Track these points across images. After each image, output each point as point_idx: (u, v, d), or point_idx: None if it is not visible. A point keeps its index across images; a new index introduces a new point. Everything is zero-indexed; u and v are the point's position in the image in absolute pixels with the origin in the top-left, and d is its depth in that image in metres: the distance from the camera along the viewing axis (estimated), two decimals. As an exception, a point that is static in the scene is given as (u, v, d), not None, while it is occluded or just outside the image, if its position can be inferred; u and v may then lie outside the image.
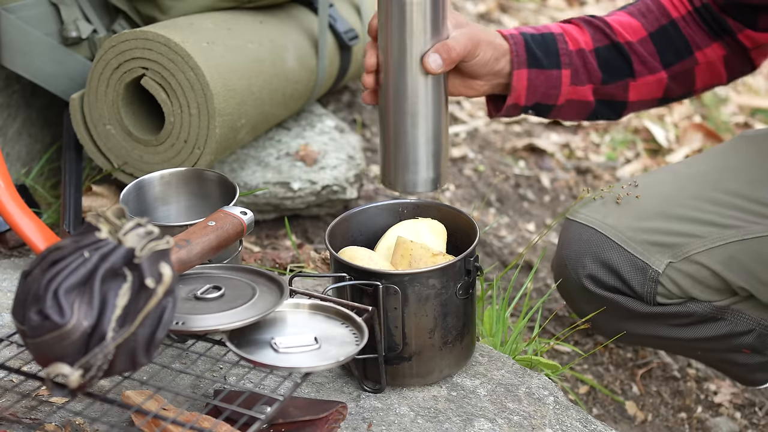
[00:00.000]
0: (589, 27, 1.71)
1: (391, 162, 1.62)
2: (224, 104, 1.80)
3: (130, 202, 1.56)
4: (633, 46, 1.70)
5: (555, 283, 1.79)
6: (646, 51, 1.71)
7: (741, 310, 1.69)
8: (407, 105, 1.58)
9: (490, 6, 3.61)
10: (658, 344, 1.87)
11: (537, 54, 1.64)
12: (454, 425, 1.39)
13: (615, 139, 3.11)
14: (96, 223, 1.09)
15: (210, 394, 1.41)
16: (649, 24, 1.72)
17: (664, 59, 1.73)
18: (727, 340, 1.71)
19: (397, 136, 1.60)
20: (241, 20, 1.97)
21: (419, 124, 1.59)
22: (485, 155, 2.74)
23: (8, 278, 1.70)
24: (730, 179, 1.68)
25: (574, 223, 1.72)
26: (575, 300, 1.76)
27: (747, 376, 1.79)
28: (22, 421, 1.27)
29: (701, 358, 1.85)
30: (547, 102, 1.69)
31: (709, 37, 1.72)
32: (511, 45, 1.63)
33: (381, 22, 1.57)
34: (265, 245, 2.04)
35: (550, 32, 1.68)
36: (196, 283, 1.31)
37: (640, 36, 1.71)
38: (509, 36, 1.65)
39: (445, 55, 1.52)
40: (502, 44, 1.63)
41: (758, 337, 1.70)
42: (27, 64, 1.88)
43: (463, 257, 1.41)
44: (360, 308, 1.33)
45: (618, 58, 1.71)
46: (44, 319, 1.04)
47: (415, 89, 1.57)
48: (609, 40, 1.70)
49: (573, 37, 1.69)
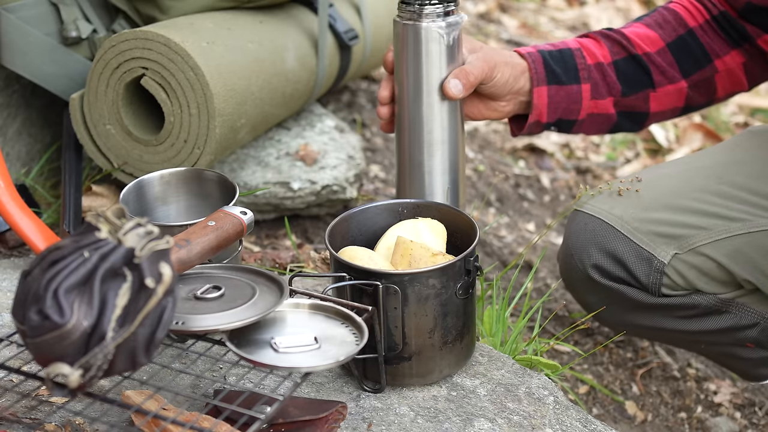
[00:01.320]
0: (607, 40, 1.72)
1: (407, 191, 1.64)
2: (224, 104, 1.80)
3: (130, 202, 1.56)
4: (652, 57, 1.71)
5: (560, 274, 1.80)
6: (665, 61, 1.72)
7: (746, 303, 1.69)
8: (424, 135, 1.60)
9: (490, 6, 3.61)
10: (662, 337, 1.87)
11: (556, 70, 1.66)
12: (454, 425, 1.39)
13: (615, 139, 3.11)
14: (96, 222, 1.09)
15: (210, 394, 1.41)
16: (667, 35, 1.73)
17: (683, 69, 1.73)
18: (731, 333, 1.72)
19: (414, 166, 1.62)
20: (241, 20, 1.97)
21: (436, 153, 1.61)
22: (485, 155, 2.74)
23: (8, 278, 1.70)
24: (737, 173, 1.69)
25: (580, 213, 1.73)
26: (580, 290, 1.77)
27: (750, 370, 1.80)
28: (22, 421, 1.27)
29: (704, 351, 1.85)
30: (569, 117, 1.71)
31: (728, 45, 1.73)
32: (529, 63, 1.65)
33: (397, 52, 1.59)
34: (265, 245, 2.04)
35: (567, 48, 1.69)
36: (196, 283, 1.31)
37: (659, 47, 1.72)
38: (526, 54, 1.66)
39: (464, 80, 1.55)
40: (520, 63, 1.65)
41: (762, 331, 1.70)
42: (27, 64, 1.88)
43: (463, 257, 1.41)
44: (360, 308, 1.33)
45: (637, 70, 1.72)
46: (44, 318, 1.04)
47: (431, 119, 1.60)
48: (627, 52, 1.71)
49: (591, 52, 1.70)
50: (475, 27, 3.44)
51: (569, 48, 1.70)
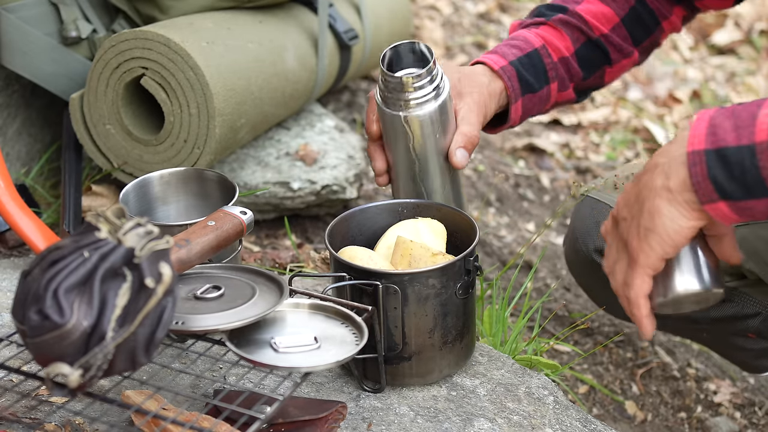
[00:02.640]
0: (566, 28, 1.73)
1: None
2: (224, 104, 1.80)
3: (130, 202, 1.56)
4: (609, 38, 1.75)
5: (564, 258, 1.82)
6: (620, 37, 1.76)
7: (749, 293, 1.69)
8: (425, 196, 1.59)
9: (489, 6, 3.61)
10: (664, 325, 1.87)
11: (529, 80, 1.68)
12: (454, 425, 1.39)
13: (615, 139, 3.11)
14: (96, 222, 1.09)
15: (210, 394, 1.41)
16: (620, 7, 1.75)
17: (635, 39, 1.78)
18: (734, 322, 1.72)
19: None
20: (241, 20, 1.97)
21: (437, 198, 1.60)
22: (485, 155, 2.74)
23: (8, 278, 1.70)
24: None
25: (587, 198, 1.75)
26: (583, 274, 1.78)
27: (751, 362, 1.80)
28: (21, 421, 1.27)
29: (706, 341, 1.85)
30: (538, 113, 1.76)
31: (671, 3, 1.77)
32: (506, 81, 1.65)
33: (386, 135, 1.57)
34: (265, 245, 2.04)
35: (534, 49, 1.70)
36: (195, 283, 1.31)
37: (613, 23, 1.75)
38: (501, 71, 1.65)
39: (470, 146, 1.57)
40: (498, 85, 1.65)
41: (764, 321, 1.70)
42: (27, 64, 1.88)
43: (462, 257, 1.41)
44: (360, 308, 1.33)
45: (596, 52, 1.75)
46: (44, 318, 1.04)
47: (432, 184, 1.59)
48: (586, 37, 1.74)
49: (555, 47, 1.72)
50: (475, 27, 3.44)
51: (536, 49, 1.70)
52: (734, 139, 1.11)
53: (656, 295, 1.21)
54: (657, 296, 1.21)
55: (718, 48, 3.94)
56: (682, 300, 1.22)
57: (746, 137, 1.11)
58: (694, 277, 1.20)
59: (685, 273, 1.21)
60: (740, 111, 1.13)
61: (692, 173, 1.13)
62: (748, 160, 1.10)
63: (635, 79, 3.53)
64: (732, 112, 1.14)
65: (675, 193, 1.15)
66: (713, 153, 1.12)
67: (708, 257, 1.22)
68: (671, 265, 1.20)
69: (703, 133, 1.13)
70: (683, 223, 1.16)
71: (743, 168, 1.11)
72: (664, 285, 1.21)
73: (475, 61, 1.69)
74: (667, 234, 1.16)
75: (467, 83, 1.61)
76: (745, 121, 1.11)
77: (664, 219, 1.16)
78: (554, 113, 3.17)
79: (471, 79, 1.62)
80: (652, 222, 1.17)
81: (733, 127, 1.12)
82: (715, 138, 1.12)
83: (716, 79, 3.68)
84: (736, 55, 3.91)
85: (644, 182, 1.19)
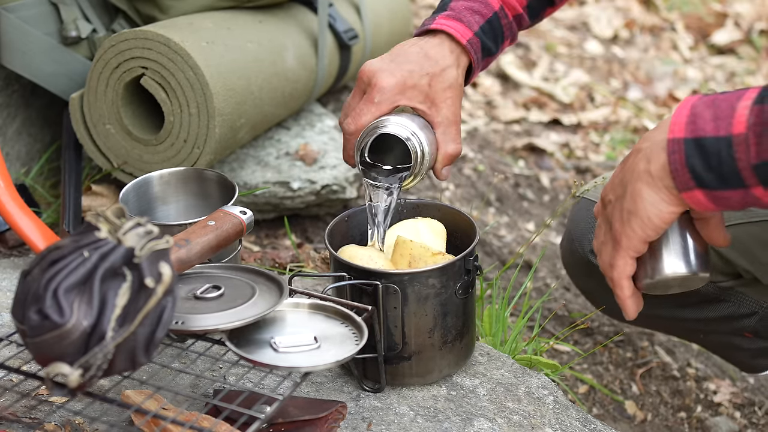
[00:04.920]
0: None
1: None
2: (224, 104, 1.80)
3: (130, 202, 1.56)
4: None
5: (561, 259, 1.81)
6: None
7: (745, 292, 1.69)
8: None
9: (489, 5, 3.60)
10: (661, 325, 1.87)
11: (490, 46, 1.66)
12: (454, 425, 1.39)
13: (614, 139, 3.11)
14: (95, 222, 1.09)
15: (209, 394, 1.41)
16: None
17: None
18: (730, 322, 1.72)
19: None
20: (241, 20, 1.97)
21: None
22: (485, 155, 2.74)
23: (8, 278, 1.70)
24: None
25: (583, 199, 1.75)
26: (579, 275, 1.78)
27: (748, 361, 1.80)
28: (21, 421, 1.27)
29: (703, 341, 1.85)
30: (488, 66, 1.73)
31: None
32: (473, 55, 1.62)
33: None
34: (265, 245, 2.04)
35: (494, 13, 1.67)
36: (195, 283, 1.31)
37: None
38: (468, 45, 1.61)
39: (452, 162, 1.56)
40: (464, 60, 1.61)
41: (761, 320, 1.70)
42: (27, 64, 1.88)
43: (462, 257, 1.41)
44: (360, 308, 1.33)
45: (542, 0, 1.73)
46: (44, 318, 1.04)
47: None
48: None
49: (511, 5, 1.68)
50: (475, 27, 3.44)
51: (495, 12, 1.67)
52: (713, 129, 1.13)
53: (644, 276, 1.24)
54: (645, 278, 1.24)
55: (718, 48, 3.94)
56: (670, 282, 1.24)
57: (724, 128, 1.12)
58: (681, 260, 1.23)
59: (672, 255, 1.23)
60: (721, 101, 1.14)
61: (671, 160, 1.14)
62: (725, 151, 1.12)
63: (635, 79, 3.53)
64: (713, 102, 1.14)
65: (656, 178, 1.16)
66: (692, 142, 1.13)
67: (696, 241, 1.24)
68: (659, 247, 1.23)
69: (684, 121, 1.15)
70: (663, 208, 1.17)
71: (720, 159, 1.12)
72: (652, 267, 1.23)
73: (435, 26, 1.61)
74: (648, 217, 1.18)
75: (440, 88, 1.57)
76: (724, 112, 1.12)
77: (645, 203, 1.17)
78: (554, 113, 3.17)
79: (442, 79, 1.58)
80: (634, 205, 1.18)
81: (713, 117, 1.13)
82: (694, 127, 1.14)
83: (716, 79, 3.68)
84: (735, 55, 3.91)
85: (628, 166, 1.20)
